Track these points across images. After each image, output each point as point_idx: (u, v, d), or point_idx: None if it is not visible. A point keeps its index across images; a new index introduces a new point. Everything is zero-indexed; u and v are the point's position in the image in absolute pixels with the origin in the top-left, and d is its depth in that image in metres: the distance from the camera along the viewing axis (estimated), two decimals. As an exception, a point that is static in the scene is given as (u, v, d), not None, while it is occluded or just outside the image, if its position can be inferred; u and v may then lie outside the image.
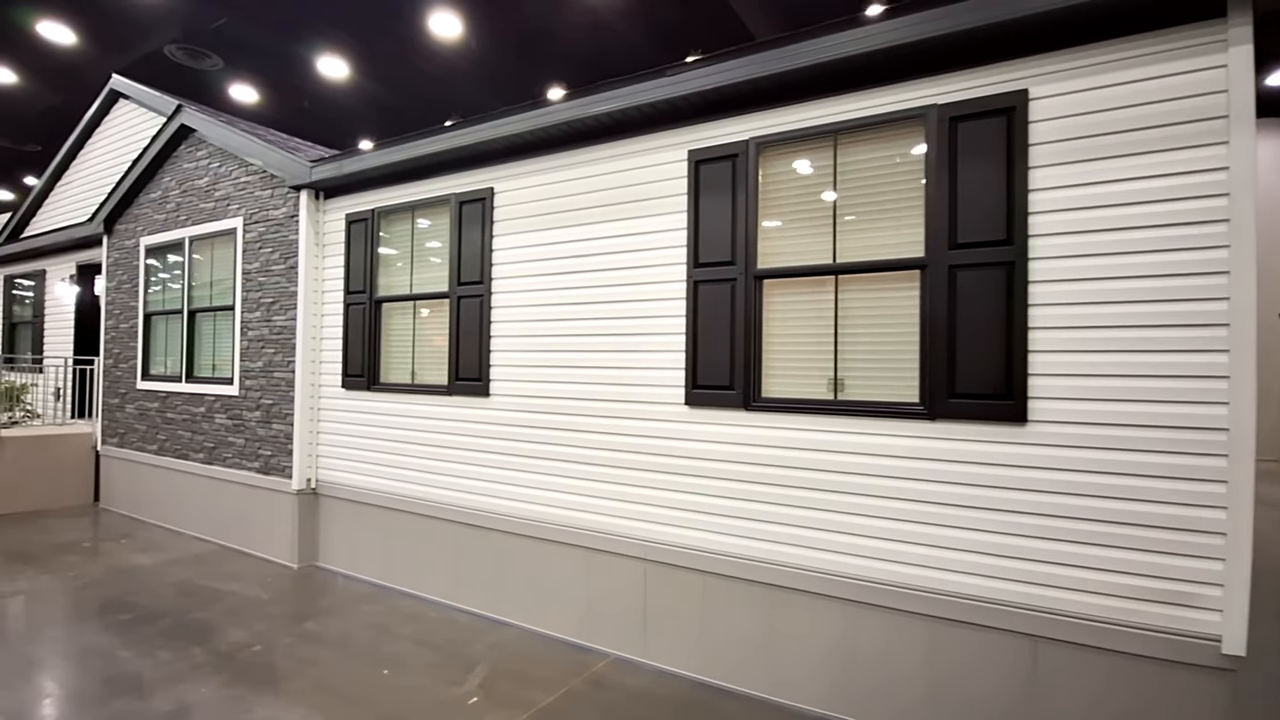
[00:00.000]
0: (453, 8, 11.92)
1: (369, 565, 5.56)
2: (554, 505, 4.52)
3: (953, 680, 3.28)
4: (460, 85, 14.89)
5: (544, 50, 13.21)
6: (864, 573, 3.48)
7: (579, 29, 12.30)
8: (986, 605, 3.20)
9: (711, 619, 3.92)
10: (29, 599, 5.00)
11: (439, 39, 12.95)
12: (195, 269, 7.00)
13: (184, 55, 14.15)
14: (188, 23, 13.34)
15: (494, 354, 4.85)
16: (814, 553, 3.62)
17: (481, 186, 4.95)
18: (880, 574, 3.44)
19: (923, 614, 3.35)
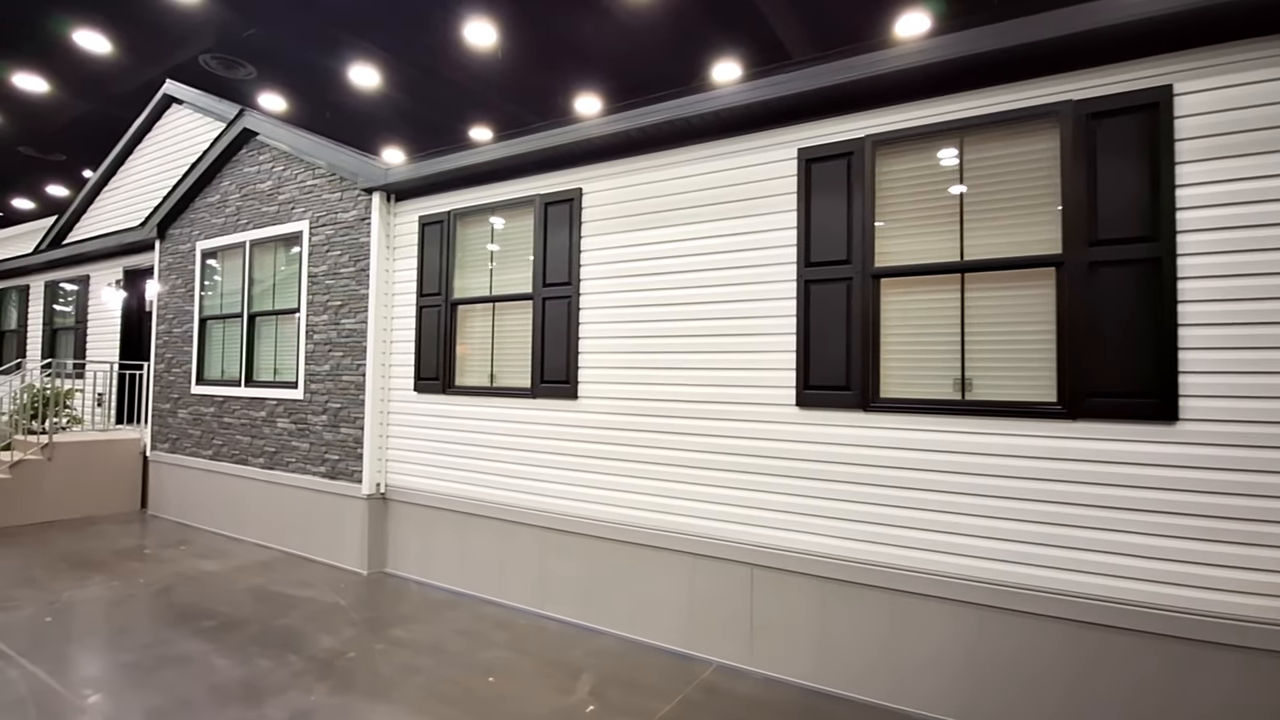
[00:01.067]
0: (483, 16, 11.99)
1: (443, 571, 5.47)
2: (651, 510, 4.44)
3: (1091, 685, 3.19)
4: (483, 94, 14.94)
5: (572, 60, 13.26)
6: (996, 576, 3.39)
7: (606, 40, 12.36)
8: (1128, 608, 3.11)
9: (826, 625, 3.83)
10: (107, 606, 4.91)
11: (465, 48, 13.00)
12: (256, 273, 6.96)
13: (218, 65, 14.22)
14: (222, 32, 13.44)
15: (583, 356, 4.78)
16: (941, 556, 3.53)
17: (569, 187, 4.91)
18: (1014, 577, 3.35)
19: (1060, 617, 3.25)
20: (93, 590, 5.22)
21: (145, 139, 9.45)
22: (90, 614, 4.75)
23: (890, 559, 3.65)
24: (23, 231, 15.91)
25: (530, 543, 4.98)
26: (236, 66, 14.38)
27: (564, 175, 4.95)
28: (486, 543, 5.21)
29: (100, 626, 4.53)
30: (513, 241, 5.27)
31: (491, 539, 5.19)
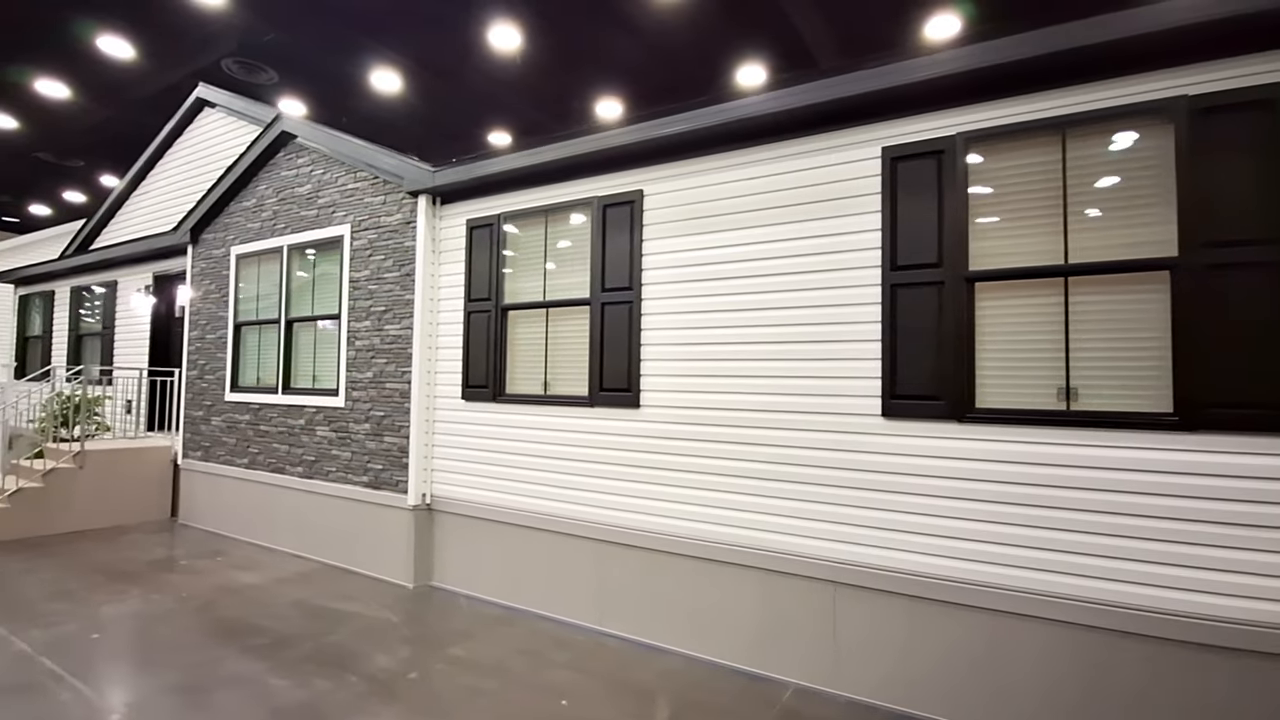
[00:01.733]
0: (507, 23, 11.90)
1: (493, 585, 5.29)
2: (720, 524, 4.26)
3: (1222, 712, 2.98)
4: (504, 98, 14.83)
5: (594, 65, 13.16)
6: (1108, 596, 3.20)
7: (628, 47, 12.26)
8: (1254, 629, 2.91)
9: (915, 645, 3.63)
10: (151, 621, 4.75)
11: (489, 53, 12.92)
12: (294, 278, 6.83)
13: (240, 69, 14.18)
14: (244, 36, 13.39)
15: (645, 363, 4.62)
16: (1042, 575, 3.34)
17: (629, 189, 4.76)
18: (1128, 598, 3.16)
19: (1186, 641, 3.06)
20: (133, 604, 5.06)
21: (175, 144, 9.38)
22: (135, 630, 4.58)
23: (988, 577, 3.45)
24: (44, 237, 15.87)
25: (587, 556, 4.80)
26: (258, 71, 14.32)
27: (624, 177, 4.80)
28: (540, 556, 5.04)
29: (148, 644, 4.37)
30: (567, 245, 5.12)
31: (545, 552, 5.01)
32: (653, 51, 11.18)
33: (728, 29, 10.07)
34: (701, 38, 10.39)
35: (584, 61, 12.51)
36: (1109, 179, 3.34)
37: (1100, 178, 3.36)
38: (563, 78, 13.73)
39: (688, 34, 10.43)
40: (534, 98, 14.48)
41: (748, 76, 11.38)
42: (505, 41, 12.69)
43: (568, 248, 5.12)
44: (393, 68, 13.89)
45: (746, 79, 11.49)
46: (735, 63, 11.16)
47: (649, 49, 11.10)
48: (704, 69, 11.53)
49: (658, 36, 10.59)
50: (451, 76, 14.20)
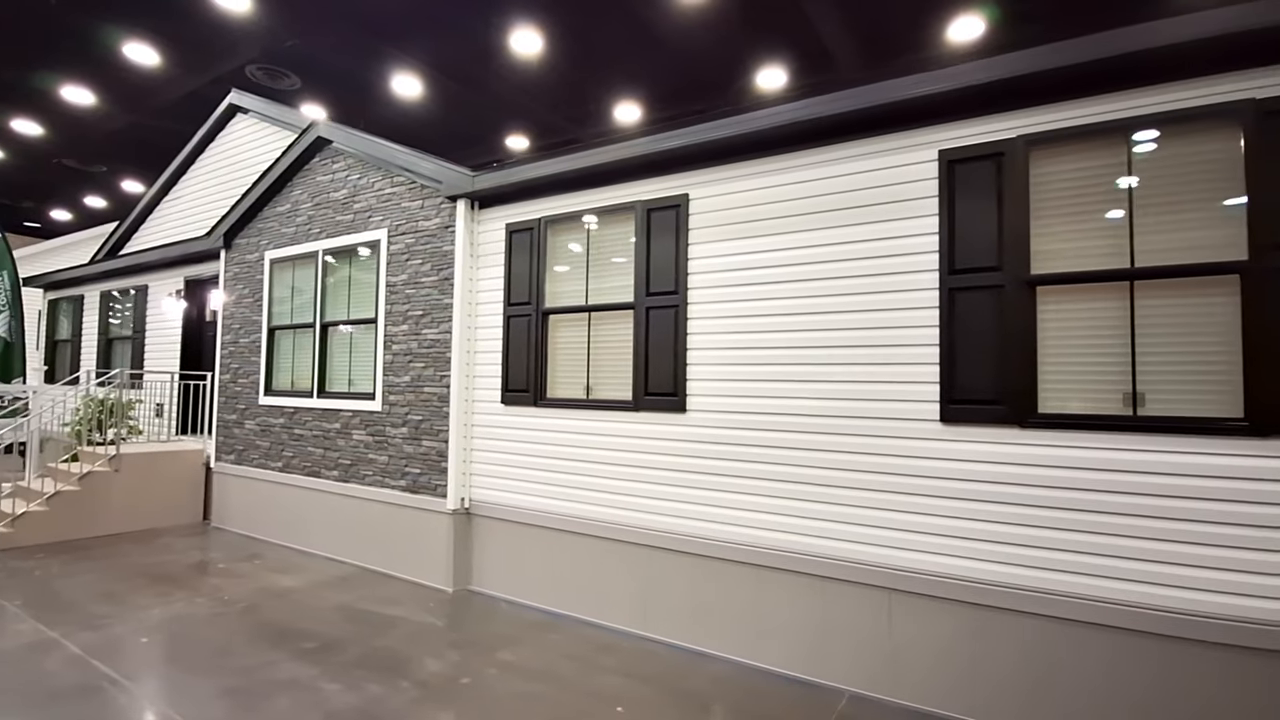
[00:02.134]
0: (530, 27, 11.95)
1: (534, 590, 5.28)
2: (770, 529, 4.23)
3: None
4: (522, 103, 14.88)
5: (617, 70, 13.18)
6: (1174, 604, 3.15)
7: (648, 52, 12.29)
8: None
9: (976, 653, 3.59)
10: (198, 624, 4.77)
11: (507, 59, 12.98)
12: (329, 282, 6.87)
13: (263, 75, 14.31)
14: (268, 43, 13.51)
15: (691, 368, 4.60)
16: (1110, 582, 3.29)
17: (675, 193, 4.75)
18: (1197, 605, 3.11)
19: (1259, 649, 3.01)
20: (178, 607, 5.08)
21: (207, 149, 9.47)
22: (184, 633, 4.60)
23: (1052, 585, 3.41)
24: (68, 243, 16.06)
25: (631, 561, 4.78)
26: (280, 76, 14.43)
27: (669, 180, 4.79)
28: (582, 561, 5.03)
29: (198, 647, 4.38)
30: (610, 249, 5.12)
31: (588, 557, 5.00)
32: (677, 55, 11.17)
33: (764, 33, 10.06)
34: (739, 40, 10.37)
35: (608, 65, 12.52)
36: (1176, 182, 3.30)
37: (1167, 181, 3.32)
38: (584, 82, 13.76)
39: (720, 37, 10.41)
40: (552, 102, 14.52)
41: (774, 80, 11.37)
42: (526, 46, 12.74)
43: (611, 251, 5.12)
44: (412, 73, 13.98)
45: (776, 83, 11.47)
46: (770, 66, 11.13)
47: (674, 53, 11.09)
48: (737, 73, 11.49)
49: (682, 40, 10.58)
50: (470, 82, 14.28)
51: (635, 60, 12.32)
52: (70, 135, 17.51)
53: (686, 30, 10.20)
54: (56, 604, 5.09)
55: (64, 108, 15.64)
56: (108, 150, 18.62)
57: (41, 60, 13.41)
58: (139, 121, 16.91)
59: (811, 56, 10.50)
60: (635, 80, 13.16)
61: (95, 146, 18.70)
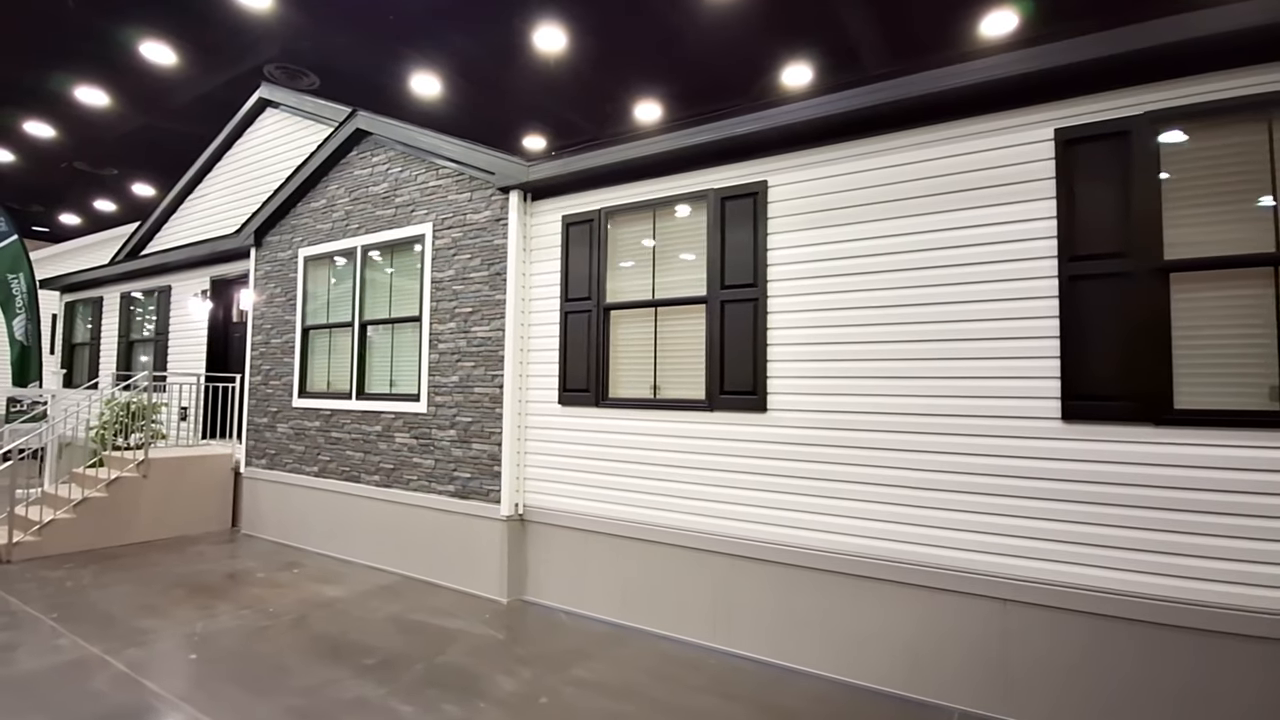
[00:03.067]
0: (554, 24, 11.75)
1: (597, 601, 5.01)
2: (865, 536, 3.96)
3: None
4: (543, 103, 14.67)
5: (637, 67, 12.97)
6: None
7: (672, 49, 12.10)
8: None
9: (1109, 670, 3.32)
10: (248, 638, 4.50)
11: (534, 53, 12.79)
12: (369, 280, 6.62)
13: (282, 75, 14.10)
14: (287, 41, 13.31)
15: (773, 364, 4.34)
16: (1263, 590, 3.02)
17: (751, 180, 4.50)
18: (1373, 623, 2.84)
19: None
20: (224, 620, 4.81)
21: (234, 146, 9.25)
22: (234, 648, 4.33)
23: (1192, 594, 3.14)
24: (83, 245, 15.85)
25: (707, 570, 4.51)
26: (300, 76, 14.21)
27: (744, 167, 4.54)
28: (651, 570, 4.75)
29: (253, 664, 4.11)
30: (678, 240, 4.86)
31: (657, 565, 4.73)
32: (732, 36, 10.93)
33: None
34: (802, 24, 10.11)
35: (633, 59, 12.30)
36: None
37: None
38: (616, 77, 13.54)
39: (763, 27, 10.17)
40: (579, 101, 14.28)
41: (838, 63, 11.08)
42: (550, 43, 12.53)
43: (679, 243, 4.86)
44: (433, 72, 13.77)
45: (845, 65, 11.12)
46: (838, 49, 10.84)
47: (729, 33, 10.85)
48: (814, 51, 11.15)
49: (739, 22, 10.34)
50: (490, 81, 14.07)
51: (673, 50, 12.09)
52: (83, 138, 17.27)
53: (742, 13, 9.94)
54: (94, 617, 4.81)
55: (77, 109, 15.41)
56: (120, 153, 18.39)
57: (56, 61, 13.20)
58: (152, 123, 16.69)
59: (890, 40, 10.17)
60: (670, 72, 12.91)
61: (107, 149, 18.47)
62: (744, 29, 10.13)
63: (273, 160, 8.53)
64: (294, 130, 8.29)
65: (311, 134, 8.02)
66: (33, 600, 5.14)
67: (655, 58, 11.81)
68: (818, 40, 10.53)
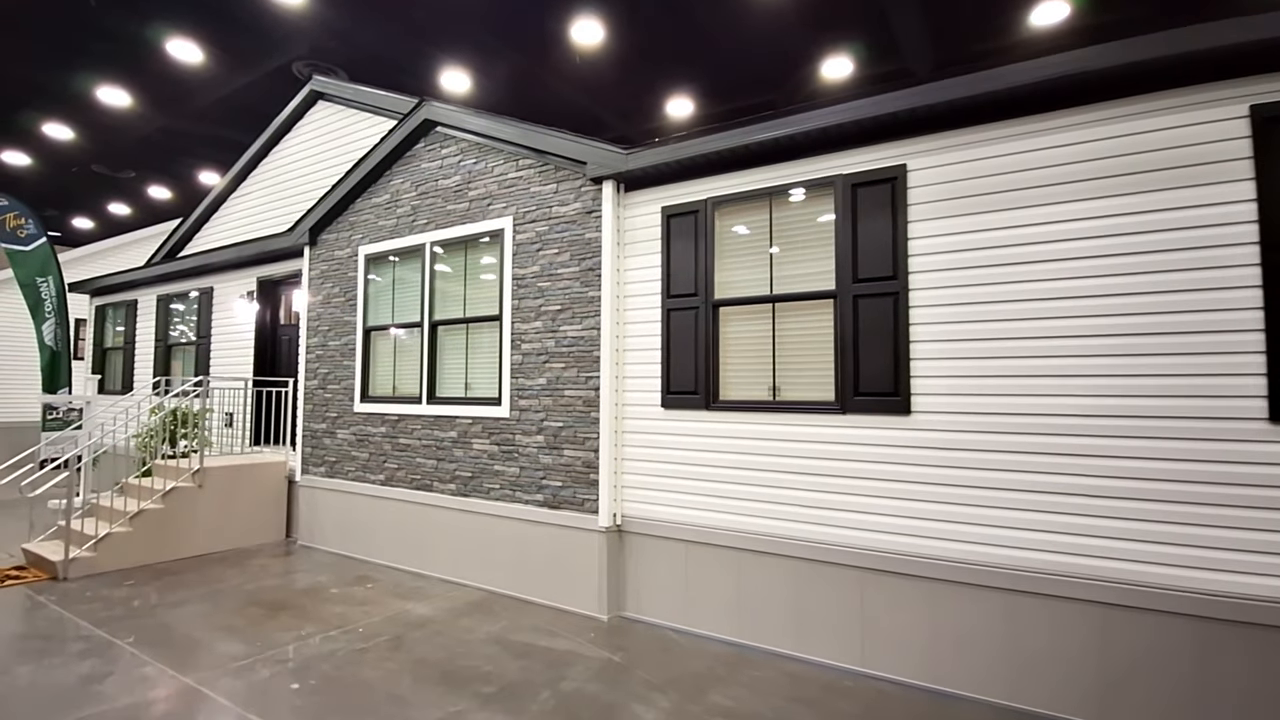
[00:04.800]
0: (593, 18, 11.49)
1: (709, 617, 4.68)
2: (1031, 548, 3.63)
3: None
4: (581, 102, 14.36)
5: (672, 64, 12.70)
6: None
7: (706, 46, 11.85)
8: None
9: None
10: (346, 664, 4.17)
11: (568, 53, 12.55)
12: (439, 278, 6.30)
13: (311, 73, 13.83)
14: (316, 39, 13.01)
15: (917, 363, 4.02)
16: None
17: (887, 164, 4.19)
18: None
19: None
20: (316, 643, 4.48)
21: (283, 141, 8.94)
22: (337, 675, 4.00)
23: None
24: (103, 249, 15.54)
25: (839, 585, 4.19)
26: (329, 74, 13.96)
27: (879, 151, 4.23)
28: (773, 584, 4.43)
29: (364, 694, 3.77)
30: (797, 231, 4.55)
31: (778, 579, 4.41)
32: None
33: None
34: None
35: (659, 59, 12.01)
36: None
37: None
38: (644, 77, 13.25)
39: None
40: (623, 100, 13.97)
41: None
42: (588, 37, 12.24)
43: (798, 234, 4.55)
44: (463, 68, 13.47)
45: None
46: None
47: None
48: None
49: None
50: (527, 76, 13.77)
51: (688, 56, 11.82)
52: (102, 140, 16.99)
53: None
54: (174, 641, 4.49)
55: (98, 111, 15.12)
56: (139, 156, 18.09)
57: (78, 61, 12.92)
58: (174, 125, 16.40)
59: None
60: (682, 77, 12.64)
61: (127, 151, 18.15)
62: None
63: (324, 156, 8.22)
64: (347, 123, 7.98)
65: (366, 127, 7.70)
66: (103, 622, 4.82)
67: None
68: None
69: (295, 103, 8.61)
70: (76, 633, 4.61)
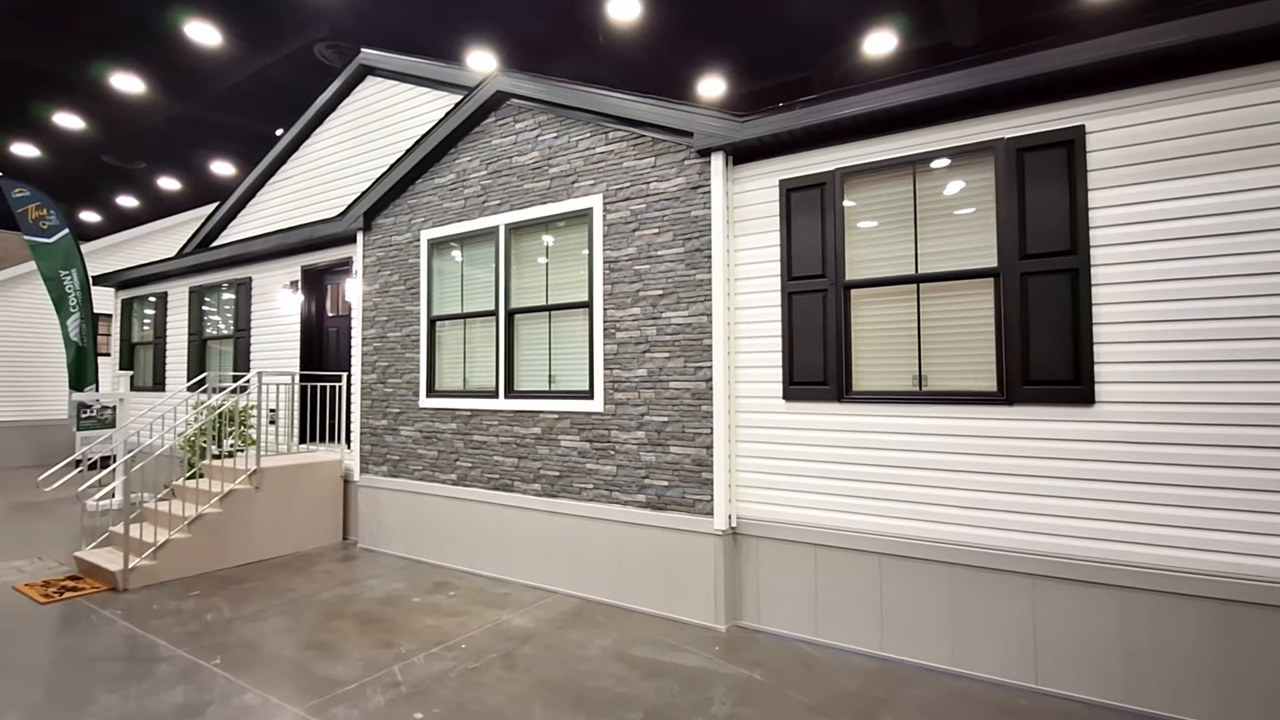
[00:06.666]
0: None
1: (842, 628, 4.29)
2: (1260, 554, 3.23)
3: None
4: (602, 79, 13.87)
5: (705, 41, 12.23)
6: None
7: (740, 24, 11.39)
8: None
9: None
10: (464, 686, 3.76)
11: (601, 29, 12.08)
12: (517, 262, 5.86)
13: (333, 55, 13.33)
14: (336, 19, 12.51)
15: (1102, 347, 3.59)
16: None
17: (1060, 126, 3.74)
18: None
19: None
20: (421, 662, 4.08)
21: (326, 121, 8.47)
22: (460, 700, 3.59)
23: None
24: (121, 240, 15.05)
25: (1010, 593, 3.78)
26: (350, 54, 13.46)
27: (1049, 111, 3.78)
28: (925, 592, 4.03)
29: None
30: (944, 203, 4.11)
31: (934, 587, 4.00)
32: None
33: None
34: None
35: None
36: None
37: None
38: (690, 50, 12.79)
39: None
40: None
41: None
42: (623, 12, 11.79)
43: (945, 207, 4.11)
44: (490, 48, 12.96)
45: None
46: None
47: None
48: None
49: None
50: (553, 56, 13.26)
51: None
52: (114, 130, 16.45)
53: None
54: (264, 661, 4.09)
55: (111, 100, 14.60)
56: (151, 145, 17.56)
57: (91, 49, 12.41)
58: (184, 113, 15.89)
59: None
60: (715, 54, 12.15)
61: (135, 141, 17.57)
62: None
63: (373, 136, 7.75)
64: (401, 100, 7.50)
65: (423, 103, 7.24)
66: (180, 640, 4.41)
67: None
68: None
69: (340, 80, 8.12)
70: (155, 653, 4.20)
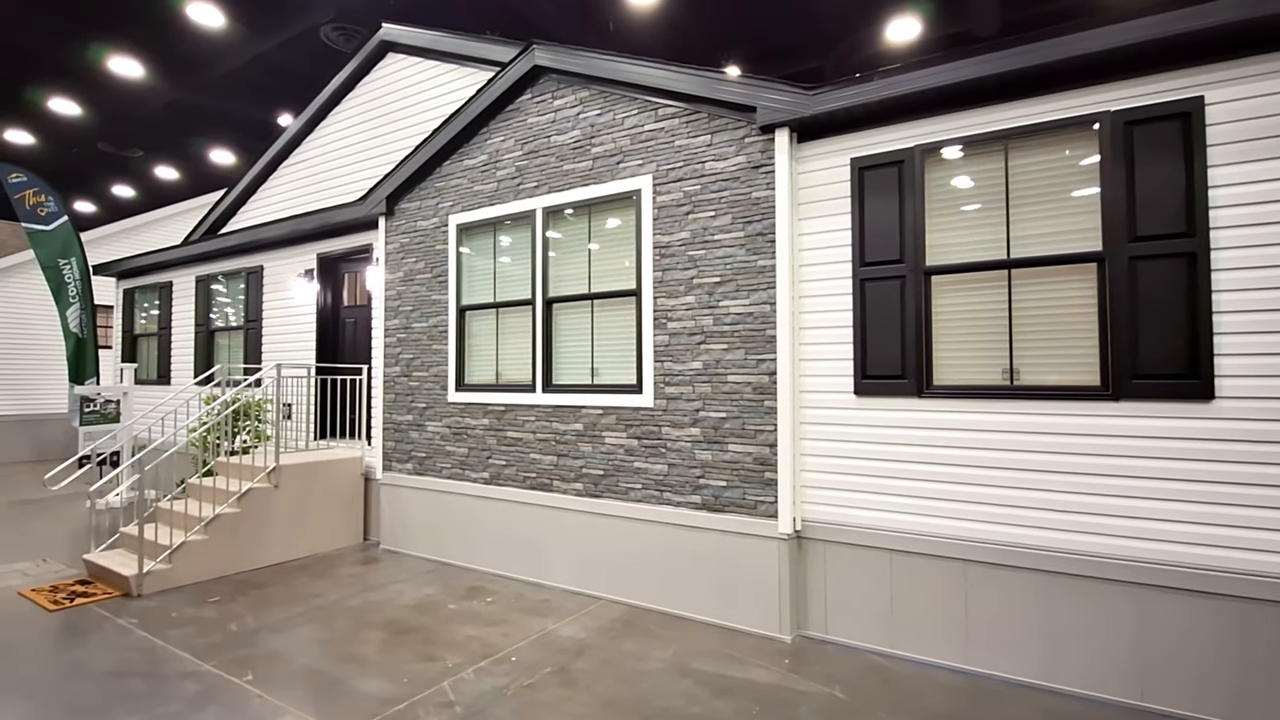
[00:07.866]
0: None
1: (922, 640, 3.99)
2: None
3: None
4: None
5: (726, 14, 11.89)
6: None
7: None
8: None
9: None
10: (523, 708, 3.44)
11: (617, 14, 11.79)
12: (554, 247, 5.52)
13: (339, 37, 12.95)
14: (343, 1, 12.13)
15: (1223, 338, 3.30)
16: None
17: (1175, 98, 3.43)
18: None
19: None
20: (470, 678, 3.76)
21: (342, 103, 8.08)
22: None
23: None
24: (120, 229, 14.60)
25: (1115, 604, 3.49)
26: (357, 37, 13.07)
27: (1162, 81, 3.47)
28: (1018, 602, 3.73)
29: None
30: (1039, 181, 3.80)
31: (1028, 597, 3.71)
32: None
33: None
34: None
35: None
36: None
37: None
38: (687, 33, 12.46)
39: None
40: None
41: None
42: None
43: (1039, 186, 3.80)
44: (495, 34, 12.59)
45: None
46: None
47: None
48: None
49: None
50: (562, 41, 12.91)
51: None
52: (109, 116, 15.98)
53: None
54: (299, 678, 3.76)
55: (109, 83, 14.16)
56: (145, 131, 17.09)
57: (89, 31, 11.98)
58: (187, 99, 15.44)
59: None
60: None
61: (131, 127, 17.07)
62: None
63: (393, 117, 7.39)
64: (425, 77, 7.14)
65: (448, 80, 6.89)
66: (205, 653, 4.08)
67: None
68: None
69: (359, 59, 7.72)
70: (180, 668, 3.86)
